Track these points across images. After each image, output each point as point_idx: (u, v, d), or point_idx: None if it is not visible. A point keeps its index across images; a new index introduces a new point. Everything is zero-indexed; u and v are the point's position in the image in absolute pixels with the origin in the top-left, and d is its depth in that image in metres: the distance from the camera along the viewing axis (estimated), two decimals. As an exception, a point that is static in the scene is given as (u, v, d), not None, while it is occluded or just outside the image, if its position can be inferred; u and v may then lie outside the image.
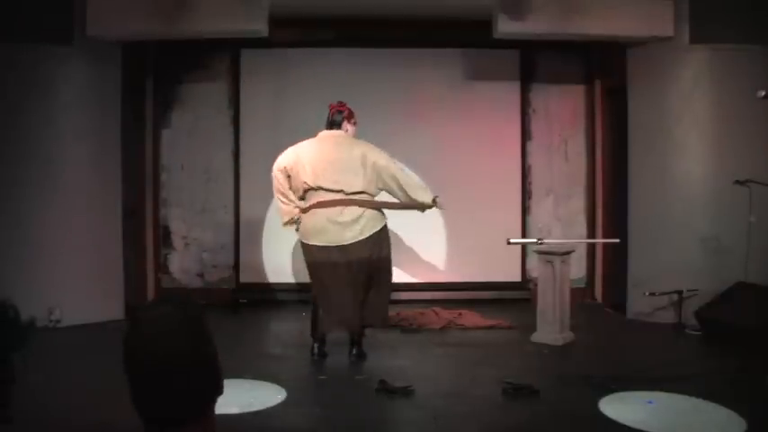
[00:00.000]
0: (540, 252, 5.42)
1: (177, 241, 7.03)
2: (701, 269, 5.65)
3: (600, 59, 6.91)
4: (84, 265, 5.73)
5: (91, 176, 5.81)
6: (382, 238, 4.69)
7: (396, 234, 6.44)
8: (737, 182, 5.27)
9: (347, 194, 4.56)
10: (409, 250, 6.74)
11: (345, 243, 4.54)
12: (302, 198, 4.74)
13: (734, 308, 5.14)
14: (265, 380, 4.21)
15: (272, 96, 6.90)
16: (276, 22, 5.83)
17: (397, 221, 6.10)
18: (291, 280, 6.83)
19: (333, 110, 4.83)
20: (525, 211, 7.04)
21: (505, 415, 3.73)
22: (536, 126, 7.08)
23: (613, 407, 3.71)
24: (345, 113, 4.80)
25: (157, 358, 1.18)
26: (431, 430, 3.60)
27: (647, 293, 5.74)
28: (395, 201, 4.78)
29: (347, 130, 4.79)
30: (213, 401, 1.26)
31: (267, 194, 6.85)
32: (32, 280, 5.45)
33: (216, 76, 6.98)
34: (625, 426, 3.45)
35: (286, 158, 4.75)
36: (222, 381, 1.28)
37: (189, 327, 1.22)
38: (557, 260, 5.24)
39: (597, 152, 7.02)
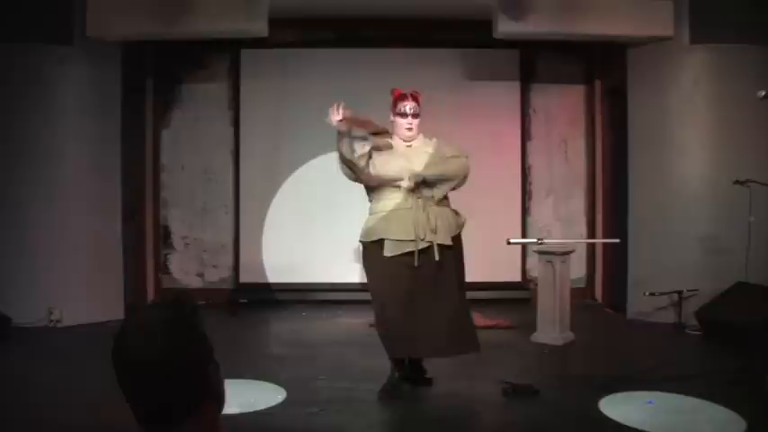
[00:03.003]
0: (540, 252, 5.42)
1: (177, 241, 7.03)
2: (700, 269, 5.65)
3: (600, 59, 6.92)
4: (84, 266, 5.73)
5: (91, 176, 5.81)
6: None
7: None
8: (737, 182, 5.26)
9: None
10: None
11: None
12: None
13: (734, 308, 5.14)
14: (265, 380, 4.21)
15: (272, 96, 6.90)
16: (276, 22, 5.82)
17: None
18: (291, 280, 6.83)
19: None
20: (525, 211, 7.05)
21: (505, 415, 3.73)
22: (536, 126, 7.09)
23: (613, 407, 3.71)
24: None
25: (144, 361, 1.17)
26: (430, 430, 3.60)
27: (647, 293, 5.73)
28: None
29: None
30: (211, 401, 1.25)
31: (267, 194, 6.92)
32: (32, 280, 5.46)
33: (216, 76, 6.98)
34: (625, 426, 3.45)
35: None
36: (218, 381, 1.27)
37: (178, 327, 1.21)
38: (557, 260, 5.24)
39: (597, 152, 7.02)
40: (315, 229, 6.68)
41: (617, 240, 5.98)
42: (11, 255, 5.46)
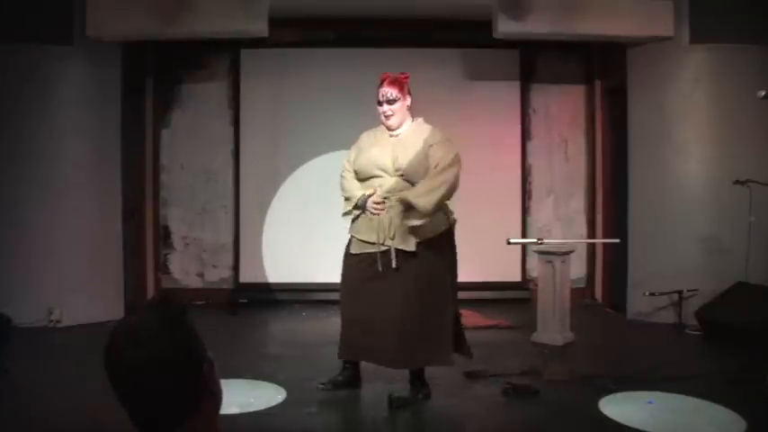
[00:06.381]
0: (540, 252, 5.42)
1: (177, 241, 7.03)
2: (700, 269, 5.65)
3: (600, 59, 6.91)
4: (84, 266, 5.72)
5: (91, 176, 5.81)
6: None
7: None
8: (737, 182, 5.26)
9: None
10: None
11: None
12: None
13: (734, 308, 5.14)
14: (265, 380, 4.21)
15: (272, 96, 6.90)
16: (276, 22, 5.82)
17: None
18: (291, 280, 6.82)
19: None
20: (525, 211, 7.04)
21: (505, 415, 3.73)
22: (536, 126, 7.08)
23: (613, 407, 3.71)
24: None
25: (130, 367, 1.15)
26: (430, 430, 3.60)
27: (647, 293, 5.74)
28: None
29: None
30: (208, 400, 1.24)
31: (267, 194, 6.92)
32: (32, 280, 5.46)
33: (216, 76, 6.97)
34: (625, 426, 3.46)
35: None
36: (213, 379, 1.25)
37: (168, 328, 1.19)
38: (557, 260, 5.24)
39: (597, 152, 7.02)
40: (315, 229, 6.67)
41: (617, 240, 5.97)
42: (10, 255, 5.45)
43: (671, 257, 5.77)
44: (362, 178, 3.84)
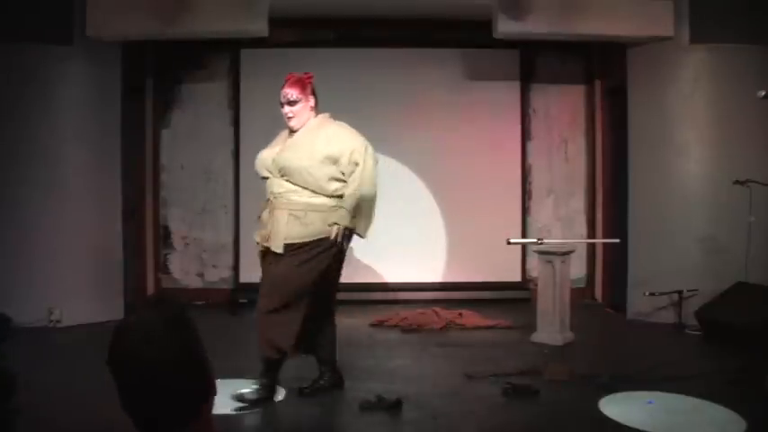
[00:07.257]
0: (540, 252, 5.42)
1: (177, 241, 7.03)
2: (700, 269, 5.65)
3: (600, 59, 6.92)
4: (84, 265, 5.72)
5: (91, 176, 5.80)
6: None
7: (396, 234, 6.44)
8: (737, 182, 5.26)
9: None
10: (409, 250, 6.74)
11: None
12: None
13: (734, 308, 5.14)
14: (265, 380, 4.20)
15: (272, 96, 6.81)
16: (276, 22, 5.82)
17: (396, 221, 6.11)
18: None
19: None
20: (525, 211, 7.04)
21: (505, 415, 3.73)
22: (536, 126, 7.09)
23: (613, 407, 3.71)
24: None
25: (142, 365, 1.15)
26: (430, 430, 3.59)
27: (647, 293, 5.74)
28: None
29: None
30: (206, 401, 1.24)
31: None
32: (32, 280, 5.46)
33: (216, 76, 6.98)
34: (625, 426, 3.46)
35: None
36: (212, 379, 1.25)
37: (171, 329, 1.19)
38: (557, 260, 5.24)
39: (597, 152, 7.02)
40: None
41: (617, 240, 5.97)
42: (11, 255, 5.46)
43: (671, 257, 5.78)
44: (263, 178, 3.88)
